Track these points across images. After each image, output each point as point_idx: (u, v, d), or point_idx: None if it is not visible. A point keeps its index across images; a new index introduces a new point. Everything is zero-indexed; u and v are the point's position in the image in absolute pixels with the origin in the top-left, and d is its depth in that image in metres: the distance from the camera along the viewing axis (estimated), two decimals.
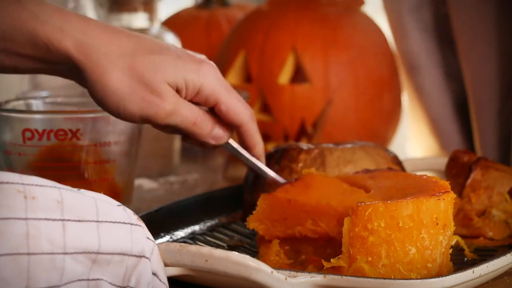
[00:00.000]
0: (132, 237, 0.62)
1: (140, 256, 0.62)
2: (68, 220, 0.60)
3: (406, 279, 0.68)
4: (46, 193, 0.59)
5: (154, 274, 0.64)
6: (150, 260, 0.63)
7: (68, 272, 0.59)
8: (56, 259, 0.59)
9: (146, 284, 0.63)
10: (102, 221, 0.61)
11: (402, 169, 0.88)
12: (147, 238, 0.64)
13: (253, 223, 0.76)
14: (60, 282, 0.59)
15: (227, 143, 0.78)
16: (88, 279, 0.60)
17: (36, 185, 0.60)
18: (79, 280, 0.60)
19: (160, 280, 0.64)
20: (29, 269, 0.58)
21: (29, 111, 0.84)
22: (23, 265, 0.57)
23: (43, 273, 0.58)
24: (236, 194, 0.92)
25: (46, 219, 0.59)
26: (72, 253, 0.59)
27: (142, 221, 0.64)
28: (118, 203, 0.64)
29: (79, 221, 0.60)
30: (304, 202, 0.73)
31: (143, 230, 0.63)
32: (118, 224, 0.62)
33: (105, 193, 0.65)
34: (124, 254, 0.61)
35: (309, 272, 0.67)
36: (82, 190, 0.62)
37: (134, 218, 0.63)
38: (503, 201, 0.84)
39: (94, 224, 0.61)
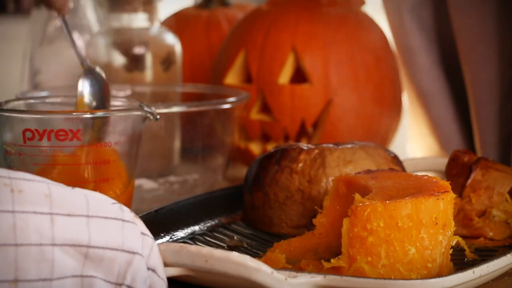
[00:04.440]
0: (123, 233, 0.62)
1: (134, 253, 0.62)
2: (57, 214, 0.59)
3: (406, 279, 0.68)
4: (34, 187, 0.60)
5: (152, 270, 0.64)
6: (146, 257, 0.63)
7: (59, 265, 0.59)
8: (45, 250, 0.59)
9: (142, 281, 0.63)
10: (92, 216, 0.61)
11: (403, 169, 0.88)
12: (144, 234, 0.64)
13: None
14: (51, 275, 0.59)
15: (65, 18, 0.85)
16: (81, 276, 0.60)
17: (24, 179, 0.60)
18: (73, 276, 0.60)
19: (159, 276, 0.64)
20: (16, 260, 0.58)
21: (29, 111, 0.84)
22: (11, 256, 0.57)
23: (32, 264, 0.58)
24: (236, 194, 0.92)
25: (34, 212, 0.59)
26: (61, 245, 0.59)
27: (138, 219, 0.64)
28: (114, 201, 0.64)
29: (68, 215, 0.60)
30: None
31: (138, 227, 0.63)
32: (109, 220, 0.62)
33: (105, 194, 0.65)
34: (116, 250, 0.61)
35: (309, 272, 0.67)
36: (76, 188, 0.63)
37: (129, 215, 0.63)
38: (504, 201, 0.84)
39: (84, 218, 0.61)
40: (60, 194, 0.61)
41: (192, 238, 0.84)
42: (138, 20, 1.14)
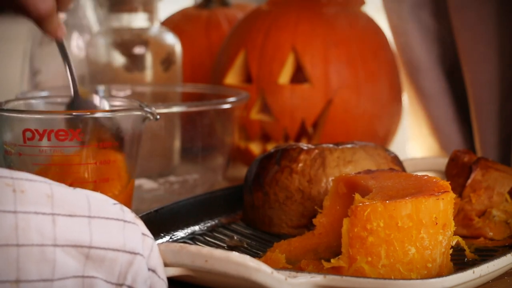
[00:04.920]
0: (125, 233, 0.62)
1: (135, 253, 0.62)
2: (59, 214, 0.60)
3: (406, 279, 0.68)
4: (36, 187, 0.60)
5: (152, 270, 0.64)
6: (146, 257, 0.63)
7: (60, 266, 0.59)
8: (47, 251, 0.59)
9: (143, 281, 0.63)
10: (94, 217, 0.61)
11: (403, 169, 0.88)
12: (145, 235, 0.64)
13: None
14: (52, 276, 0.59)
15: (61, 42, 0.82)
16: (83, 276, 0.60)
17: (26, 179, 0.60)
18: (74, 277, 0.60)
19: (159, 277, 0.64)
20: (18, 261, 0.58)
21: (29, 111, 0.84)
22: (12, 257, 0.57)
23: (33, 265, 0.58)
24: (236, 194, 0.92)
25: (35, 212, 0.59)
26: (62, 246, 0.59)
27: (139, 219, 0.64)
28: (115, 201, 0.64)
29: (70, 215, 0.60)
30: None
31: (139, 228, 0.63)
32: (110, 220, 0.62)
33: (105, 194, 0.65)
34: (117, 250, 0.61)
35: (309, 272, 0.67)
36: (78, 189, 0.63)
37: (130, 216, 0.63)
38: (504, 201, 0.84)
39: (85, 219, 0.61)
40: (62, 194, 0.61)
41: (192, 238, 0.84)
42: (138, 20, 1.14)
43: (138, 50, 1.13)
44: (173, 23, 1.31)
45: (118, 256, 0.62)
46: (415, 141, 1.25)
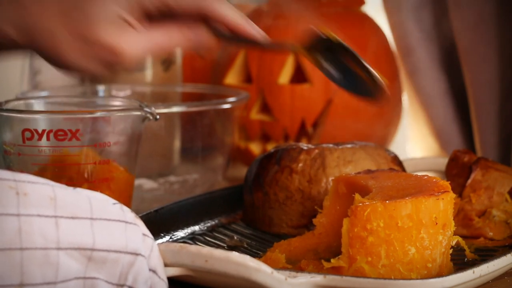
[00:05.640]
0: (126, 234, 0.62)
1: (136, 254, 0.62)
2: (61, 216, 0.59)
3: (406, 279, 0.68)
4: (39, 189, 0.59)
5: (153, 271, 0.64)
6: (147, 258, 0.63)
7: (63, 269, 0.59)
8: (50, 254, 0.59)
9: (143, 282, 0.63)
10: (96, 218, 0.61)
11: (403, 169, 0.88)
12: (145, 235, 0.64)
13: None
14: (55, 278, 0.59)
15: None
16: (84, 277, 0.60)
17: (28, 182, 0.60)
18: (76, 278, 0.60)
19: (159, 277, 0.64)
20: (22, 264, 0.58)
21: (29, 111, 0.84)
22: (16, 261, 0.57)
23: (37, 268, 0.58)
24: (236, 194, 0.92)
25: (38, 215, 0.59)
26: (66, 249, 0.59)
27: (139, 219, 0.64)
28: (115, 201, 0.64)
29: (72, 218, 0.60)
30: None
31: (139, 228, 0.63)
32: (112, 222, 0.62)
33: (104, 194, 0.65)
34: (119, 252, 0.61)
35: (309, 272, 0.67)
36: (78, 189, 0.62)
37: (130, 216, 0.63)
38: (504, 201, 0.84)
39: (88, 221, 0.61)
40: (64, 196, 0.60)
41: (192, 238, 0.84)
42: None
43: None
44: None
45: (119, 257, 0.62)
46: (415, 141, 1.25)
